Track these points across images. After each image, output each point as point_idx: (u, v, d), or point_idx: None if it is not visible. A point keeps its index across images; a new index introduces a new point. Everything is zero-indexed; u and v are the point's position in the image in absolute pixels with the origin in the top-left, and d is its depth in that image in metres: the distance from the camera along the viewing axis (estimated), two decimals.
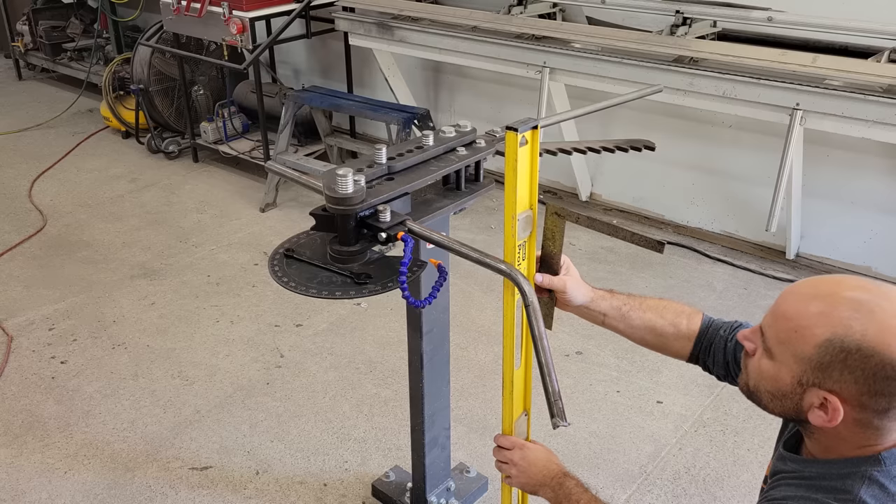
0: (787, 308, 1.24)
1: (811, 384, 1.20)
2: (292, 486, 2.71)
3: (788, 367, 1.22)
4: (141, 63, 5.51)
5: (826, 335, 1.17)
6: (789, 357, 1.22)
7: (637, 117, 4.22)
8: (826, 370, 1.18)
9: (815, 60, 3.20)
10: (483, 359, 3.33)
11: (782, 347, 1.23)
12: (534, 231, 1.66)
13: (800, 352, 1.20)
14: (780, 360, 1.24)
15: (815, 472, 1.27)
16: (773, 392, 1.27)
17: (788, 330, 1.22)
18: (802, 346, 1.20)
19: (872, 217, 3.71)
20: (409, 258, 1.59)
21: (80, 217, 4.72)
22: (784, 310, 1.24)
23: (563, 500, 1.60)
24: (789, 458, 1.35)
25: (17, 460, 2.84)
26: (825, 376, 1.18)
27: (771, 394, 1.28)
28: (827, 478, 1.24)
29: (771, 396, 1.28)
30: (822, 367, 1.18)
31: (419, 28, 4.35)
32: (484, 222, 4.48)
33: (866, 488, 1.20)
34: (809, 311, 1.20)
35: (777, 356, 1.24)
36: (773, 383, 1.26)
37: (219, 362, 3.36)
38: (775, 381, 1.25)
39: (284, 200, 4.83)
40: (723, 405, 3.03)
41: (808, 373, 1.20)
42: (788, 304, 1.24)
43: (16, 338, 3.54)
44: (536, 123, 1.54)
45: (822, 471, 1.26)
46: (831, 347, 1.17)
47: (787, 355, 1.22)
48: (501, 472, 1.75)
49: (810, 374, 1.20)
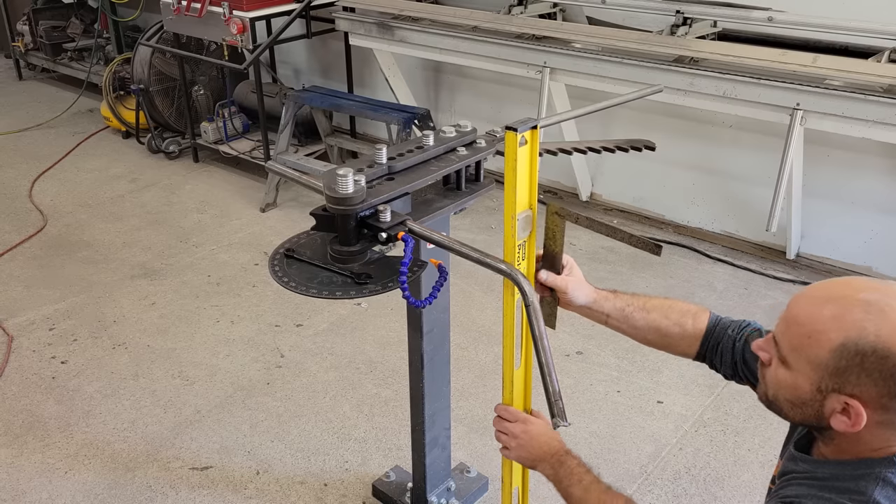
0: (799, 314, 1.22)
1: (831, 390, 1.19)
2: (293, 486, 2.71)
3: (806, 375, 1.21)
4: (141, 63, 5.51)
5: (840, 339, 1.16)
6: (805, 364, 1.20)
7: (637, 117, 4.21)
8: (844, 374, 1.16)
9: (816, 60, 3.20)
10: (483, 359, 3.33)
11: (797, 355, 1.21)
12: (534, 231, 1.66)
13: (815, 358, 1.19)
14: (796, 368, 1.22)
15: (828, 472, 1.26)
16: (792, 400, 1.25)
17: (802, 336, 1.20)
18: (817, 352, 1.18)
19: (872, 217, 3.71)
20: (409, 258, 1.59)
21: (81, 217, 4.72)
22: (795, 316, 1.23)
23: (564, 478, 1.57)
24: (801, 459, 1.33)
25: (18, 460, 2.84)
26: (844, 381, 1.17)
27: (791, 402, 1.26)
28: (840, 478, 1.23)
29: (791, 405, 1.26)
30: (839, 372, 1.17)
31: (419, 28, 4.35)
32: (484, 222, 4.48)
33: (881, 489, 1.19)
34: (821, 316, 1.18)
35: (793, 364, 1.23)
36: (792, 392, 1.24)
37: (219, 362, 3.36)
38: (794, 389, 1.23)
39: (285, 200, 4.83)
40: (723, 405, 3.03)
41: (826, 378, 1.18)
42: (799, 311, 1.23)
43: (16, 338, 3.54)
44: (536, 123, 1.54)
45: (835, 472, 1.25)
46: (846, 351, 1.15)
47: (803, 362, 1.21)
48: (500, 443, 1.71)
49: (828, 379, 1.18)
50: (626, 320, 1.69)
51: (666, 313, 1.66)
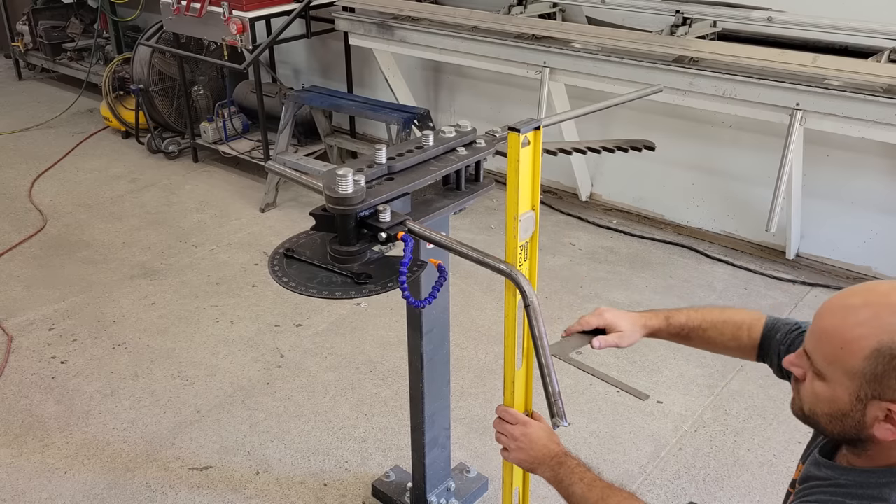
0: (827, 326, 1.21)
1: (871, 397, 1.16)
2: (292, 486, 2.71)
3: (843, 386, 1.18)
4: (141, 63, 5.51)
5: (873, 345, 1.14)
6: (841, 375, 1.18)
7: (637, 117, 4.22)
8: (882, 380, 1.14)
9: (815, 60, 3.20)
10: (483, 359, 3.33)
11: (832, 367, 1.19)
12: (535, 232, 1.66)
13: (850, 367, 1.16)
14: (832, 380, 1.20)
15: (853, 480, 1.24)
16: (831, 414, 1.22)
17: (834, 348, 1.18)
18: (852, 361, 1.16)
19: (872, 217, 3.71)
20: (409, 258, 1.59)
21: (80, 217, 4.72)
22: (824, 328, 1.21)
23: (565, 478, 1.57)
24: (825, 465, 1.31)
25: (17, 460, 2.84)
26: (883, 387, 1.15)
27: (829, 416, 1.23)
28: (864, 486, 1.22)
29: (829, 418, 1.23)
30: (877, 378, 1.15)
31: (419, 28, 4.35)
32: (484, 222, 4.48)
33: None
34: (850, 324, 1.17)
35: (828, 376, 1.20)
36: (831, 405, 1.22)
37: (219, 362, 3.36)
38: (832, 402, 1.21)
39: (284, 200, 4.83)
40: (723, 405, 3.03)
41: (865, 386, 1.16)
42: (827, 322, 1.21)
43: (16, 338, 3.54)
44: (539, 124, 1.54)
45: (859, 479, 1.23)
46: (881, 356, 1.13)
47: (839, 373, 1.18)
48: (500, 444, 1.72)
49: (867, 387, 1.16)
50: (683, 341, 1.71)
51: (721, 329, 1.66)
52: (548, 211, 4.57)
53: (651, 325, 1.71)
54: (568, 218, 4.54)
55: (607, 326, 1.70)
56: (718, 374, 3.18)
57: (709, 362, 3.24)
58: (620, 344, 1.69)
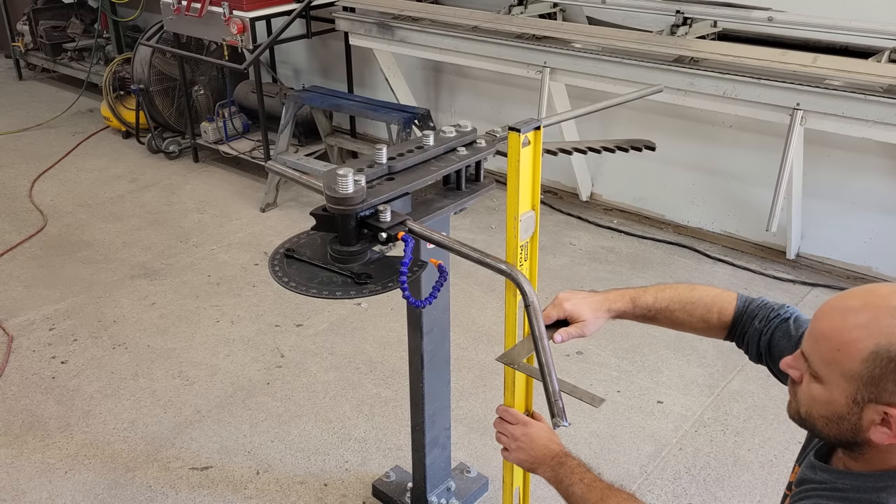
0: (825, 327, 1.20)
1: (867, 400, 1.15)
2: (293, 486, 2.71)
3: (840, 388, 1.17)
4: (141, 63, 5.51)
5: (870, 347, 1.13)
6: (838, 377, 1.17)
7: (637, 117, 4.22)
8: (879, 383, 1.13)
9: (816, 60, 3.20)
10: (483, 359, 3.33)
11: (829, 369, 1.18)
12: (536, 232, 1.66)
13: (847, 369, 1.15)
14: (829, 382, 1.19)
15: (849, 484, 1.23)
16: (827, 416, 1.21)
17: (831, 350, 1.17)
18: (849, 363, 1.15)
19: (872, 217, 3.71)
20: (409, 258, 1.59)
21: (81, 217, 4.72)
22: (822, 330, 1.20)
23: (565, 478, 1.56)
24: (820, 468, 1.30)
25: (18, 460, 2.84)
26: (880, 390, 1.14)
27: (826, 419, 1.22)
28: (862, 490, 1.21)
29: (826, 421, 1.22)
30: (874, 381, 1.14)
31: (419, 28, 4.35)
32: (484, 222, 4.48)
33: None
34: (848, 326, 1.16)
35: (825, 378, 1.19)
36: (827, 407, 1.20)
37: (219, 362, 3.36)
38: (829, 404, 1.20)
39: (285, 200, 4.83)
40: (723, 405, 3.03)
41: (862, 389, 1.15)
42: (825, 324, 1.20)
43: (16, 338, 3.54)
44: (539, 124, 1.54)
45: (856, 483, 1.22)
46: (879, 359, 1.12)
47: (836, 376, 1.17)
48: (501, 444, 1.71)
49: (863, 390, 1.15)
50: (650, 322, 1.67)
51: (689, 311, 1.62)
52: (548, 211, 4.57)
53: (616, 309, 1.66)
54: (568, 218, 4.54)
55: (569, 316, 1.64)
56: (719, 374, 3.18)
57: (709, 362, 3.24)
58: (584, 333, 1.64)
